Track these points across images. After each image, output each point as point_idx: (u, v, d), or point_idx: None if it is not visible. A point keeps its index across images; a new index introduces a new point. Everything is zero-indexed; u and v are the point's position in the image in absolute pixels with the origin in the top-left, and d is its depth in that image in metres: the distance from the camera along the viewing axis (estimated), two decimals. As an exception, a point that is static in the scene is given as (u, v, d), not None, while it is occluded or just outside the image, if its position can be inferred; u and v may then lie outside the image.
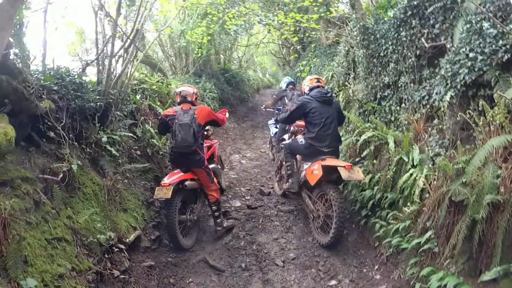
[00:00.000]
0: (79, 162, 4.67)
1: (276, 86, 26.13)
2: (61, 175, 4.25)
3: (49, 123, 4.39)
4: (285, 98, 9.34)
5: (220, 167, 7.36)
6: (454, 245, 3.83)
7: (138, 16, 6.48)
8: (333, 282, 5.00)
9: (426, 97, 5.59)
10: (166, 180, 5.55)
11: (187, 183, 5.84)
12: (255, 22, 15.99)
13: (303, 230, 6.27)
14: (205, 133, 6.68)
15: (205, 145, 6.35)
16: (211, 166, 6.42)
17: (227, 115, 7.16)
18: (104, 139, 5.38)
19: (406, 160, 5.36)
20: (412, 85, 6.04)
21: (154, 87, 8.63)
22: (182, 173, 5.80)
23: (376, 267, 5.05)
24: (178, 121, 5.61)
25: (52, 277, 3.57)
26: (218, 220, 6.22)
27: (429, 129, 5.40)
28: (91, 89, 5.54)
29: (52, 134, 4.41)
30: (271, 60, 28.44)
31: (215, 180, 6.23)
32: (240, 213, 6.97)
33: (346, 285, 4.92)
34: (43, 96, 4.40)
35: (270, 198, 7.59)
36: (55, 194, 4.12)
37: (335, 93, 9.52)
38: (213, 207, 6.17)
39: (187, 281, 5.12)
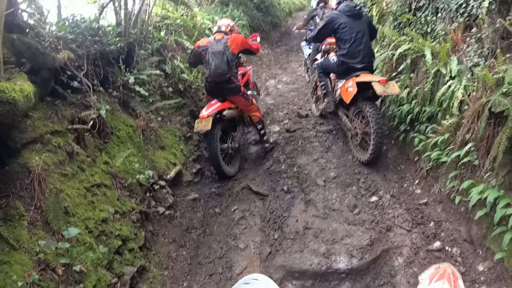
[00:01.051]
0: (108, 107, 4.67)
1: (309, 7, 25.05)
2: (90, 123, 4.30)
3: (70, 73, 4.37)
4: (316, 17, 8.96)
5: (256, 93, 7.26)
6: (495, 158, 3.74)
7: None
8: (374, 198, 5.02)
9: (464, 5, 5.14)
10: (204, 112, 5.53)
11: (225, 112, 5.79)
12: None
13: (343, 149, 6.22)
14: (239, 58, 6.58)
15: (239, 72, 6.33)
16: (248, 92, 6.35)
17: (258, 39, 7.08)
18: (131, 80, 5.34)
19: (444, 72, 5.08)
20: (448, -8, 5.57)
21: (179, 21, 8.41)
22: (219, 103, 5.76)
23: (417, 181, 5.06)
24: (211, 50, 5.60)
25: (96, 223, 3.73)
26: (264, 138, 6.41)
27: (467, 39, 5.06)
28: (111, 33, 5.46)
29: (75, 83, 4.41)
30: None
31: (253, 101, 6.24)
32: (279, 137, 6.97)
33: (387, 200, 4.93)
34: (59, 47, 4.34)
35: (308, 120, 7.49)
36: (87, 142, 4.19)
37: (368, 7, 9.02)
38: (258, 126, 6.32)
39: (232, 209, 5.28)
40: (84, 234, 3.53)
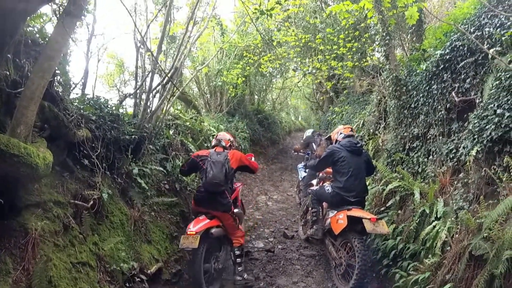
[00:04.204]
0: (110, 191, 4.83)
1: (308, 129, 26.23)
2: (91, 202, 4.40)
3: (84, 151, 4.59)
4: (313, 144, 9.45)
5: (242, 211, 6.95)
6: None
7: (178, 54, 6.75)
8: None
9: (454, 151, 5.58)
10: (192, 228, 5.19)
11: (213, 230, 5.47)
12: (290, 68, 16.33)
13: (324, 276, 6.21)
14: None
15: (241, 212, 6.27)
16: (235, 210, 6.11)
17: (252, 159, 6.94)
18: (135, 171, 5.54)
19: (430, 212, 5.34)
20: (440, 137, 6.05)
21: (188, 123, 8.85)
22: (208, 220, 5.47)
23: None
24: (211, 159, 5.61)
25: (73, 301, 3.66)
26: (239, 268, 5.80)
27: (455, 182, 5.38)
28: (127, 121, 5.76)
29: (86, 162, 4.61)
30: (304, 103, 28.68)
31: (240, 226, 6.04)
32: (261, 254, 6.96)
33: None
34: (81, 124, 4.60)
35: (293, 242, 7.57)
36: (84, 220, 4.26)
37: (365, 142, 9.57)
38: (236, 251, 5.85)
39: (203, 319, 5.12)
40: (60, 309, 3.47)
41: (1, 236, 3.29)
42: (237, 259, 5.81)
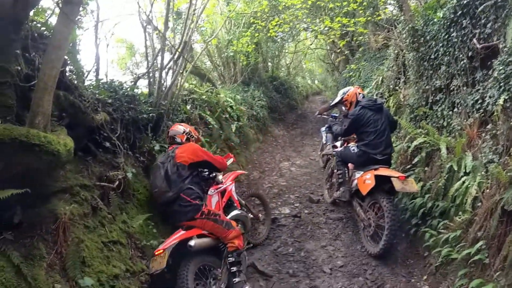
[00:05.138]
0: (134, 170, 4.93)
1: (325, 92, 26.02)
2: (117, 183, 4.50)
3: (104, 134, 4.69)
4: (342, 107, 9.35)
5: (246, 213, 5.86)
6: (505, 257, 3.71)
7: (185, 29, 6.73)
8: None
9: (480, 101, 5.38)
10: (160, 245, 4.42)
11: (192, 242, 4.44)
12: (301, 29, 16.07)
13: (352, 238, 6.22)
14: (211, 175, 5.51)
15: (213, 191, 5.34)
16: (233, 213, 5.42)
17: (230, 160, 6.05)
18: (157, 147, 5.60)
19: (458, 167, 5.22)
20: (464, 88, 5.84)
21: (204, 97, 8.88)
22: (182, 232, 4.56)
23: (425, 277, 4.97)
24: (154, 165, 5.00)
25: (108, 277, 3.80)
26: (235, 280, 4.60)
27: (483, 134, 5.23)
28: (143, 101, 5.82)
29: (107, 144, 4.70)
30: (319, 65, 28.36)
31: (233, 223, 4.96)
32: (288, 220, 7.02)
33: None
34: (99, 109, 4.69)
35: (319, 206, 7.57)
36: (111, 200, 4.38)
37: (386, 98, 9.42)
38: (229, 258, 4.69)
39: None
40: (96, 286, 3.61)
41: (33, 223, 3.41)
42: (232, 268, 4.66)
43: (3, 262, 2.96)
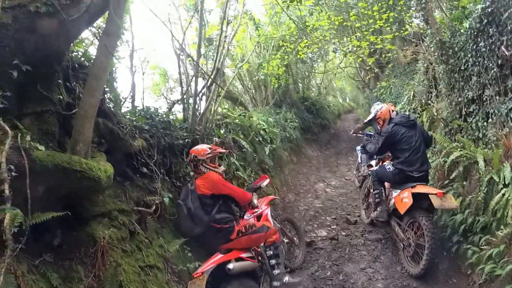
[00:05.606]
0: (170, 195, 5.00)
1: (357, 110, 25.83)
2: (153, 207, 4.59)
3: (142, 159, 4.80)
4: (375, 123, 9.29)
5: (282, 237, 5.80)
6: None
7: (217, 55, 6.86)
8: None
9: None
10: (199, 268, 4.36)
11: (231, 266, 4.36)
12: (329, 49, 16.12)
13: (391, 259, 6.08)
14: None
15: (250, 216, 5.32)
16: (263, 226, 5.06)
17: (266, 181, 5.97)
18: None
19: (498, 179, 5.05)
20: (497, 97, 5.74)
21: (237, 120, 8.97)
22: (221, 255, 4.50)
23: None
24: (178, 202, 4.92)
25: (145, 302, 3.84)
26: (275, 272, 4.71)
27: None
28: (178, 127, 5.94)
29: (145, 169, 4.82)
30: (350, 83, 28.24)
31: (268, 223, 5.12)
32: (325, 243, 6.92)
33: None
34: (136, 135, 4.82)
35: (356, 227, 7.45)
36: (148, 225, 4.46)
37: (418, 113, 9.29)
38: (267, 251, 4.82)
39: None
40: (133, 310, 3.65)
41: (72, 246, 3.50)
42: (271, 261, 4.79)
43: (42, 284, 3.02)
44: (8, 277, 2.67)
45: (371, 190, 6.73)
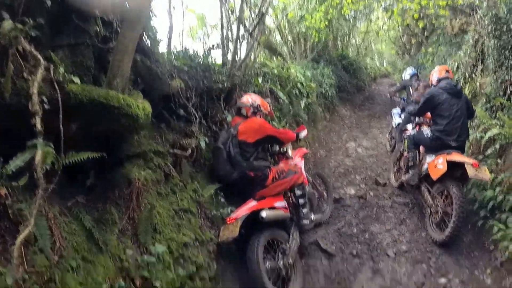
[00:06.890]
0: (206, 139, 4.88)
1: (394, 75, 25.15)
2: (189, 151, 4.51)
3: (180, 101, 4.66)
4: (410, 87, 8.98)
5: (313, 190, 5.93)
6: None
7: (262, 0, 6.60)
8: (443, 280, 4.80)
9: None
10: (232, 215, 4.41)
11: (264, 214, 4.31)
12: (375, 7, 15.47)
13: (417, 224, 6.04)
14: (282, 150, 5.59)
15: (282, 165, 5.26)
16: (299, 191, 5.14)
17: (303, 132, 5.69)
18: (229, 118, 5.55)
19: None
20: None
21: (275, 71, 8.75)
22: (254, 202, 4.52)
23: (489, 271, 4.78)
24: (216, 144, 4.88)
25: (178, 245, 3.82)
26: (304, 211, 5.02)
27: None
28: (217, 71, 5.77)
29: (182, 112, 4.71)
30: (389, 48, 27.37)
31: (295, 167, 5.21)
32: (353, 201, 6.90)
33: (456, 285, 4.71)
34: (174, 75, 4.67)
35: (385, 189, 7.37)
36: (183, 168, 4.40)
37: (461, 85, 8.91)
38: (296, 191, 5.04)
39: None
40: (166, 253, 3.61)
41: (106, 188, 3.46)
42: (299, 200, 5.02)
43: (75, 226, 3.00)
44: (39, 220, 2.61)
45: (404, 153, 6.62)
